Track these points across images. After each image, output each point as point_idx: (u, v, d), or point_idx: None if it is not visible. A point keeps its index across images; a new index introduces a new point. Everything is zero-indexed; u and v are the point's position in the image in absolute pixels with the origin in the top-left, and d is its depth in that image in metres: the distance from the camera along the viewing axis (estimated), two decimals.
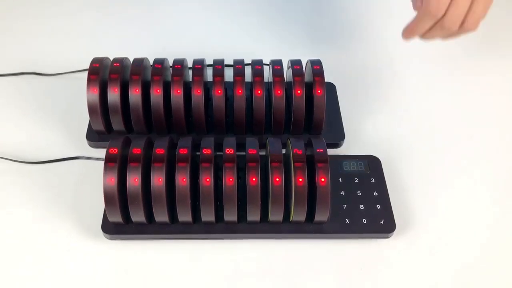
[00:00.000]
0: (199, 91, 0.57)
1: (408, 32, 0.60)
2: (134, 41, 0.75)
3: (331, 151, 0.60)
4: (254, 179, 0.50)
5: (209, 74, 0.62)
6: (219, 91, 0.57)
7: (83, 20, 0.78)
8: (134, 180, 0.49)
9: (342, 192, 0.56)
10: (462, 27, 0.57)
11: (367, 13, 0.80)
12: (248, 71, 0.61)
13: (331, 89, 0.67)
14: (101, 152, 0.54)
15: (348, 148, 0.62)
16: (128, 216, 0.52)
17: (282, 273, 0.52)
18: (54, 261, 0.52)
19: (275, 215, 0.52)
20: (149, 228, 0.53)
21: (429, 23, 0.57)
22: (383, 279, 0.52)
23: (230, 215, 0.52)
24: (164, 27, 0.78)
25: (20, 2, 0.80)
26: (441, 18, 0.56)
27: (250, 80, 0.62)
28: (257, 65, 0.61)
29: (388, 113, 0.66)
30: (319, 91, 0.58)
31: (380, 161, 0.59)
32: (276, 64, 0.60)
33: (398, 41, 0.62)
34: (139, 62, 0.59)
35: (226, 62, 0.61)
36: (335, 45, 0.76)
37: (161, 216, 0.51)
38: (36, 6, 0.80)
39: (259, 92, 0.58)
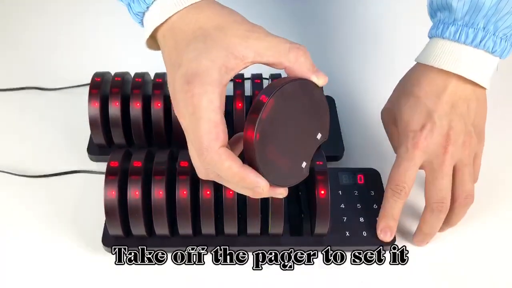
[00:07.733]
0: None
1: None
2: (135, 55, 0.76)
3: (330, 164, 0.60)
4: None
5: None
6: None
7: (84, 35, 0.79)
8: (134, 193, 0.49)
9: (342, 205, 0.56)
10: (457, 204, 0.52)
11: (366, 27, 0.81)
12: (247, 85, 0.62)
13: (330, 103, 0.68)
14: (102, 165, 0.55)
15: (347, 161, 0.63)
16: (129, 229, 0.52)
17: (281, 285, 0.52)
18: (55, 274, 0.52)
19: (275, 228, 0.52)
20: (149, 241, 0.53)
21: (397, 204, 0.52)
22: None
23: (230, 228, 0.52)
24: None
25: (22, 17, 0.81)
26: (427, 204, 0.52)
27: (249, 94, 0.62)
28: (256, 79, 0.61)
29: None
30: None
31: (379, 174, 0.59)
32: (275, 78, 0.61)
33: (397, 54, 0.62)
34: (140, 77, 0.60)
35: None
36: (334, 58, 0.76)
37: (161, 229, 0.52)
38: (38, 21, 0.80)
39: None
